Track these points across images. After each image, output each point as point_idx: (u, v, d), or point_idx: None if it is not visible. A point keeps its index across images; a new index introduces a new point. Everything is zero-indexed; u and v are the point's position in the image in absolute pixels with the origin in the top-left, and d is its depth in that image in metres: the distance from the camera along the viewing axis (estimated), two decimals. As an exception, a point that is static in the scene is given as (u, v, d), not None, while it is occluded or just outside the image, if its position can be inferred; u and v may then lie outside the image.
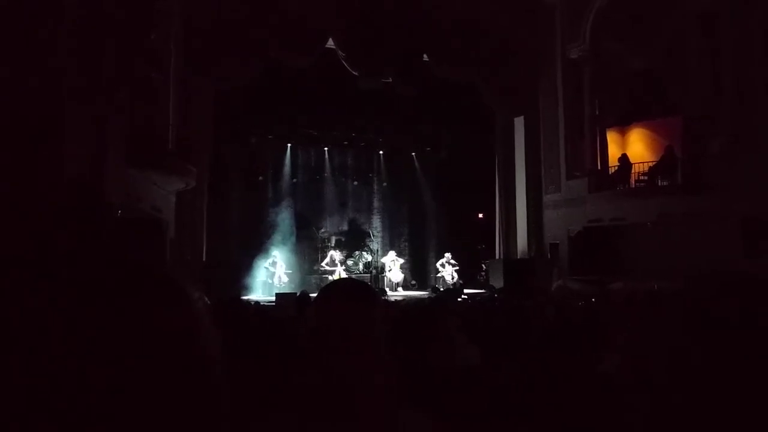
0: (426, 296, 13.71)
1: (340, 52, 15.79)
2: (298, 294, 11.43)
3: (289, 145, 18.55)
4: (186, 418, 0.57)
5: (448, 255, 17.61)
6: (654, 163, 14.76)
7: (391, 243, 19.32)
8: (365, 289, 1.45)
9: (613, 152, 16.00)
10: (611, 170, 15.72)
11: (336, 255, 17.44)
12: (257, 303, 11.04)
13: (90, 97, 8.40)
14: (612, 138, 16.39)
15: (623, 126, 16.53)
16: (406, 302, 9.37)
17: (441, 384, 2.35)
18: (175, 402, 0.56)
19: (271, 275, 16.26)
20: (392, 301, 10.28)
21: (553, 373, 2.45)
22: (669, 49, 14.39)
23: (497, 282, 15.67)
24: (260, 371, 2.29)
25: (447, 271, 17.39)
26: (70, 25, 8.09)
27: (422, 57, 16.56)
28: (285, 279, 16.40)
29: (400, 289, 17.45)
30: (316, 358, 1.26)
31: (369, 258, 18.31)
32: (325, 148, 19.03)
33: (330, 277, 16.71)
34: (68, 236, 6.46)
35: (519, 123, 17.73)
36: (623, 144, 16.41)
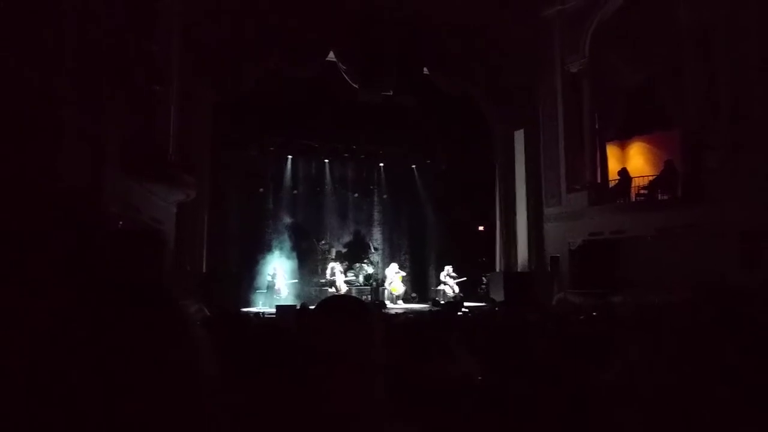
0: (426, 309, 13.66)
1: (340, 65, 15.87)
2: (298, 306, 11.42)
3: (289, 156, 18.58)
4: (174, 421, 0.57)
5: (448, 268, 17.59)
6: (654, 176, 14.78)
7: (391, 255, 19.30)
8: (359, 305, 1.44)
9: (613, 166, 16.02)
10: (611, 184, 15.74)
11: (336, 267, 17.42)
12: (257, 315, 11.01)
13: (88, 107, 8.41)
14: (612, 152, 16.42)
15: (623, 140, 16.57)
16: (406, 315, 9.33)
17: (439, 399, 2.33)
18: (162, 406, 0.56)
19: (271, 287, 16.23)
20: (392, 314, 10.23)
21: (554, 387, 2.43)
22: (666, 63, 14.46)
23: (498, 295, 15.63)
24: (258, 384, 2.28)
25: (448, 284, 17.37)
26: (69, 33, 8.12)
27: (422, 70, 16.63)
28: (285, 291, 16.37)
29: (400, 301, 17.39)
30: (312, 373, 1.25)
31: (370, 270, 18.28)
32: (326, 160, 19.06)
33: (330, 289, 16.68)
34: (65, 246, 6.45)
35: (519, 136, 17.76)
36: (623, 158, 16.45)
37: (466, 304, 14.72)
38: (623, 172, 15.38)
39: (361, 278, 18.11)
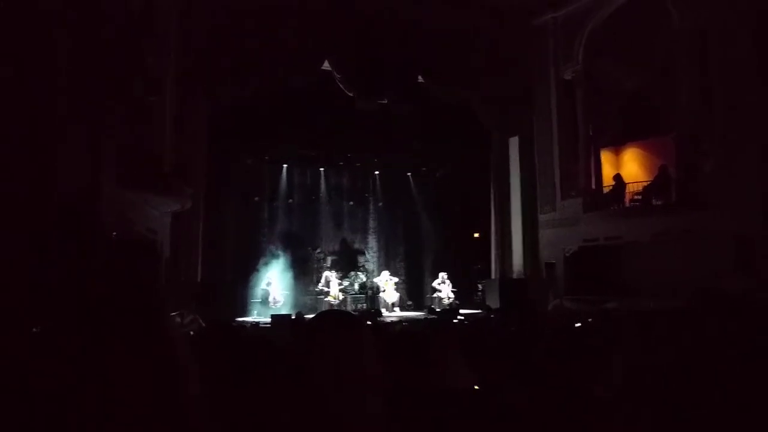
0: (422, 317, 13.64)
1: (336, 74, 15.89)
2: (293, 316, 11.40)
3: (285, 165, 18.58)
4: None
5: (443, 275, 17.58)
6: (648, 182, 14.84)
7: (386, 263, 19.28)
8: (352, 319, 1.45)
9: (608, 172, 16.08)
10: (606, 190, 15.79)
11: (331, 275, 17.38)
12: (252, 325, 10.97)
13: (84, 117, 8.40)
14: (606, 158, 16.48)
15: (617, 146, 16.64)
16: (402, 325, 9.31)
17: (436, 408, 2.32)
18: (148, 419, 0.56)
19: (267, 296, 16.18)
20: (387, 323, 10.21)
21: (551, 394, 2.42)
22: (660, 70, 14.56)
23: (493, 302, 15.62)
24: (252, 396, 2.27)
25: (443, 291, 17.35)
26: (66, 44, 8.13)
27: (417, 78, 16.68)
28: (280, 300, 16.32)
29: (396, 309, 17.34)
30: (307, 385, 1.25)
31: (364, 278, 18.25)
32: (321, 169, 19.06)
33: (325, 298, 16.64)
34: (60, 256, 6.42)
35: (513, 143, 17.84)
36: (617, 164, 16.51)
37: (461, 311, 14.70)
38: (617, 178, 15.43)
39: (356, 286, 18.08)
